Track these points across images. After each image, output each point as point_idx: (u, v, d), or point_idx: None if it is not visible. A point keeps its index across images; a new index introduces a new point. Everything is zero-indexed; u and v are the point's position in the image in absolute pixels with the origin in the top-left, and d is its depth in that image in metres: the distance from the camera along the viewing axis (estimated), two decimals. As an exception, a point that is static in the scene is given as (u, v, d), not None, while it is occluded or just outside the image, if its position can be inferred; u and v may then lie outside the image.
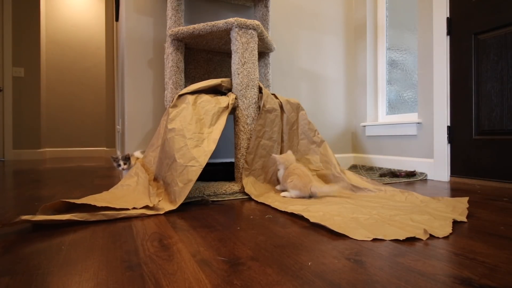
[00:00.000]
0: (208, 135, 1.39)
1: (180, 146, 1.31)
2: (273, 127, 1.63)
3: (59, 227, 0.95)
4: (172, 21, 1.74)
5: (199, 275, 0.61)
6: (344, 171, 1.66)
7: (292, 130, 1.74)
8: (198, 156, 1.29)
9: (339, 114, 2.66)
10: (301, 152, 1.74)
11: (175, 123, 1.38)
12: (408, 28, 2.34)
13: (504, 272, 0.62)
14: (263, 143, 1.59)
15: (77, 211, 1.07)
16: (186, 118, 1.39)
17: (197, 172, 1.24)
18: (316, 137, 1.74)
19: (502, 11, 1.68)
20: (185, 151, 1.30)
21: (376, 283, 0.57)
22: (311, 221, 0.99)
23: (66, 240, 0.83)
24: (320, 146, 1.73)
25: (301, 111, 1.76)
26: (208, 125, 1.43)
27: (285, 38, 2.41)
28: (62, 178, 2.15)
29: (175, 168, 1.26)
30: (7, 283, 0.58)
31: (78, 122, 5.03)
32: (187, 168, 1.25)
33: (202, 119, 1.43)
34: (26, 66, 4.02)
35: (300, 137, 1.75)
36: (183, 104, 1.45)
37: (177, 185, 1.22)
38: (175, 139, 1.33)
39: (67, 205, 1.12)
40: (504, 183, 1.68)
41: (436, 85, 1.98)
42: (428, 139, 2.06)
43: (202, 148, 1.34)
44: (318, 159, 1.71)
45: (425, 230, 0.86)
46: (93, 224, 0.98)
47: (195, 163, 1.26)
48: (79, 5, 5.01)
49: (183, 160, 1.27)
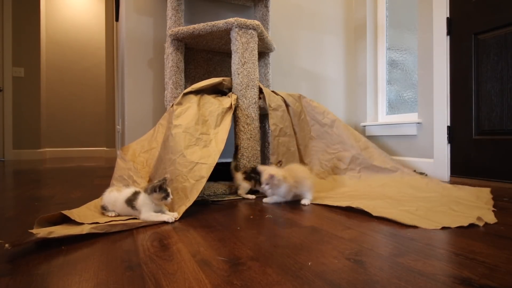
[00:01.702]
0: (214, 135, 1.39)
1: (189, 144, 1.30)
2: (284, 123, 1.64)
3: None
4: (172, 21, 1.74)
5: (199, 275, 0.61)
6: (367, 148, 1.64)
7: (300, 119, 1.74)
8: (208, 155, 1.28)
9: (339, 114, 2.66)
10: (315, 138, 1.73)
11: (182, 120, 1.36)
12: (408, 28, 2.34)
13: (504, 272, 0.62)
14: (281, 141, 1.60)
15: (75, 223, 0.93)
16: (193, 117, 1.38)
17: (209, 170, 1.22)
18: (326, 118, 1.71)
19: (502, 11, 1.68)
20: (195, 149, 1.29)
21: (376, 283, 0.57)
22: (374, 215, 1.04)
23: (66, 240, 0.83)
24: (332, 127, 1.70)
25: (303, 99, 1.76)
26: (214, 126, 1.42)
27: (285, 38, 2.41)
28: (62, 178, 2.15)
29: (183, 164, 1.23)
30: (7, 283, 0.58)
31: (78, 122, 5.02)
32: (199, 165, 1.23)
33: (207, 120, 1.43)
34: (26, 66, 4.02)
35: (310, 124, 1.75)
36: (188, 103, 1.45)
37: (188, 181, 1.18)
38: (182, 136, 1.31)
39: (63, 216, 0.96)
40: (504, 183, 1.68)
41: (436, 85, 1.98)
42: (428, 139, 2.06)
43: (211, 148, 1.33)
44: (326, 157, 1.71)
45: (479, 217, 0.96)
46: (93, 224, 0.98)
47: (206, 160, 1.25)
48: (79, 5, 5.01)
49: (193, 157, 1.25)
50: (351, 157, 1.64)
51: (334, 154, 1.68)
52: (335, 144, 1.69)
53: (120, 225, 0.94)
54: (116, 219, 0.99)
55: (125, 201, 1.03)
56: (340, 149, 1.67)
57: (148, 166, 1.44)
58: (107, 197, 1.06)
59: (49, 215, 0.92)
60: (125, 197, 1.04)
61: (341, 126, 1.69)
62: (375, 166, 1.58)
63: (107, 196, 1.07)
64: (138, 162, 1.46)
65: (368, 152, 1.62)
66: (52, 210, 1.14)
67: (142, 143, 1.54)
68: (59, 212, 0.95)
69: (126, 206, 1.03)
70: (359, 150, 1.63)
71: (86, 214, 1.04)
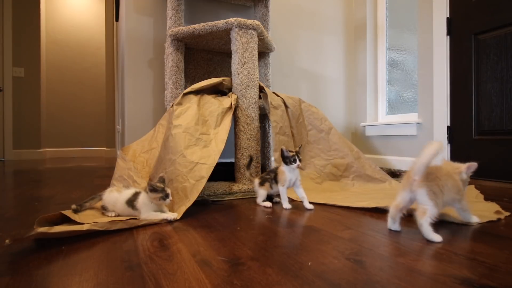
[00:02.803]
0: (214, 136, 1.39)
1: (189, 144, 1.30)
2: (284, 122, 1.65)
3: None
4: (172, 21, 1.74)
5: (199, 275, 0.61)
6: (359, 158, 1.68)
7: (298, 123, 1.75)
8: (208, 156, 1.28)
9: (339, 114, 2.66)
10: (312, 143, 1.75)
11: (181, 120, 1.36)
12: (408, 28, 2.34)
13: (504, 272, 0.62)
14: (281, 139, 1.61)
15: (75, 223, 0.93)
16: (192, 117, 1.38)
17: (209, 170, 1.23)
18: (324, 125, 1.74)
19: (502, 11, 1.68)
20: (195, 150, 1.29)
21: (376, 283, 0.57)
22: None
23: (66, 240, 0.83)
24: (329, 133, 1.73)
25: (302, 103, 1.78)
26: (214, 126, 1.42)
27: (285, 38, 2.41)
28: (62, 178, 2.15)
29: (183, 164, 1.23)
30: (7, 283, 0.58)
31: (78, 122, 5.02)
32: (199, 165, 1.24)
33: (207, 120, 1.43)
34: (26, 66, 4.02)
35: (308, 128, 1.77)
36: (188, 103, 1.45)
37: (188, 181, 1.19)
38: (182, 136, 1.31)
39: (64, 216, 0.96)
40: (504, 183, 1.68)
41: (436, 85, 1.98)
42: (428, 139, 2.06)
43: (211, 148, 1.33)
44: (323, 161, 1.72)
45: (498, 211, 1.05)
46: (93, 224, 0.98)
47: (206, 161, 1.26)
48: (79, 5, 5.01)
49: (193, 157, 1.26)
50: (346, 165, 1.67)
51: (330, 161, 1.71)
52: (331, 150, 1.72)
53: (121, 223, 0.93)
54: (116, 219, 0.99)
55: (125, 202, 1.03)
56: (336, 156, 1.70)
57: (148, 166, 1.44)
58: (107, 197, 1.06)
59: (49, 215, 0.92)
60: (125, 198, 1.03)
61: (337, 134, 1.74)
62: (367, 175, 1.61)
63: (107, 197, 1.06)
64: (139, 162, 1.46)
65: (360, 162, 1.66)
66: (52, 210, 1.14)
67: (142, 143, 1.54)
68: (60, 212, 0.94)
69: (127, 206, 1.03)
70: (353, 159, 1.66)
71: (86, 214, 1.05)
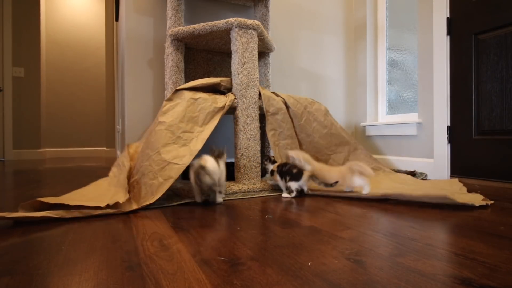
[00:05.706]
0: (198, 134, 1.40)
1: (167, 142, 1.32)
2: (284, 126, 1.67)
3: (59, 227, 0.95)
4: (172, 21, 1.74)
5: (199, 275, 0.61)
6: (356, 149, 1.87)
7: (302, 121, 1.79)
8: (183, 155, 1.30)
9: (339, 114, 2.66)
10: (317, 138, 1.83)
11: (167, 117, 1.39)
12: (408, 28, 2.34)
13: (504, 272, 0.62)
14: (282, 144, 1.64)
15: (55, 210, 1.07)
16: (178, 114, 1.40)
17: (179, 171, 1.25)
18: (327, 120, 1.83)
19: (502, 11, 1.68)
20: (172, 148, 1.31)
21: (376, 283, 0.57)
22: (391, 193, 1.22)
23: (66, 240, 0.83)
24: (331, 129, 1.84)
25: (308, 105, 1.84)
26: (201, 124, 1.43)
27: (285, 38, 2.41)
28: (62, 178, 2.15)
29: (157, 162, 1.27)
30: (7, 283, 0.58)
31: (78, 122, 5.03)
32: (170, 164, 1.26)
33: (196, 116, 1.43)
34: (26, 66, 4.02)
35: (312, 125, 1.82)
36: (178, 99, 1.46)
37: (157, 179, 1.23)
38: (163, 133, 1.33)
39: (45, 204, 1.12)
40: (504, 183, 1.68)
41: (436, 85, 1.98)
42: (428, 139, 2.06)
43: (189, 147, 1.35)
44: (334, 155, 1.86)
45: (484, 199, 1.17)
46: (93, 224, 0.98)
47: (179, 161, 1.28)
48: (79, 5, 5.01)
49: (167, 156, 1.28)
50: (344, 158, 1.82)
51: (330, 155, 1.83)
52: (332, 146, 1.85)
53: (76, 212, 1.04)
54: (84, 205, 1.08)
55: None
56: (336, 150, 1.85)
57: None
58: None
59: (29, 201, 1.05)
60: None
61: (339, 129, 1.86)
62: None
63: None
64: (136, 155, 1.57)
65: (356, 154, 1.84)
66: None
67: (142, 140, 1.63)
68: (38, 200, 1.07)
69: None
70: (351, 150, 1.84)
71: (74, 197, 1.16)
